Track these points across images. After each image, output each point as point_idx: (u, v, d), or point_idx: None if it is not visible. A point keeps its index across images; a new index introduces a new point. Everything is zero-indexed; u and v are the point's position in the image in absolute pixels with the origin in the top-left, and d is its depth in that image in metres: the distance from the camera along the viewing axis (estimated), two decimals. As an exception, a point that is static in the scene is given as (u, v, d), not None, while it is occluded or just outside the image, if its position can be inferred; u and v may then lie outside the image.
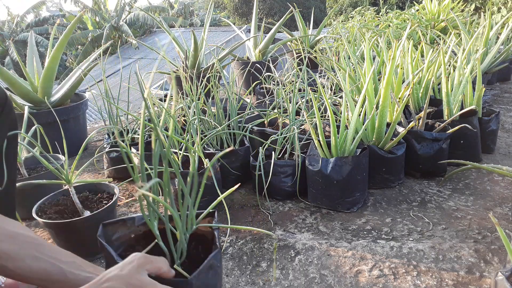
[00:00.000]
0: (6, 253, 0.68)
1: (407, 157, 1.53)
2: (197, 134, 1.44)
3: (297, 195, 1.45)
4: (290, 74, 2.19)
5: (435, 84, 1.98)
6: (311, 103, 1.87)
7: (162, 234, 0.71)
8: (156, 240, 0.71)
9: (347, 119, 1.45)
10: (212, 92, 1.72)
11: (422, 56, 2.22)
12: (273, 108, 1.87)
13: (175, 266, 0.71)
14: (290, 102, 1.68)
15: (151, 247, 0.72)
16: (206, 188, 1.28)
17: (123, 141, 1.72)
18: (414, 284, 1.00)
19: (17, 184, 1.14)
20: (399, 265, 1.07)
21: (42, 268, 0.70)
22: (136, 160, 1.57)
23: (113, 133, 1.75)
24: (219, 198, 0.87)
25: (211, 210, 0.80)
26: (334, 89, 2.15)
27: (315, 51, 3.33)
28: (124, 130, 1.75)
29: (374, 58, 2.49)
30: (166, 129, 1.75)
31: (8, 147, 0.90)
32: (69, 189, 1.20)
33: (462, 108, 1.69)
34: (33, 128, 1.40)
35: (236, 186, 0.90)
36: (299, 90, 2.10)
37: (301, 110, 1.71)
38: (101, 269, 0.75)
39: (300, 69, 2.42)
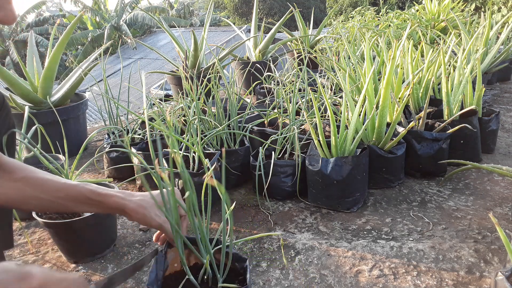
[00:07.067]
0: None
1: (407, 157, 1.53)
2: (197, 134, 1.44)
3: (297, 195, 1.45)
4: (290, 74, 2.19)
5: (435, 84, 1.98)
6: (311, 103, 1.87)
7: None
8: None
9: (347, 119, 1.44)
10: (212, 91, 1.72)
11: (422, 56, 2.22)
12: (273, 108, 1.87)
13: (219, 285, 0.78)
14: (290, 102, 1.68)
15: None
16: (206, 188, 1.28)
17: (122, 141, 1.72)
18: (414, 284, 1.00)
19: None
20: (399, 265, 1.07)
21: (48, 207, 0.84)
22: (135, 160, 1.57)
23: (113, 133, 1.75)
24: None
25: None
26: (334, 89, 2.15)
27: (315, 51, 3.33)
28: (124, 130, 1.75)
29: (374, 58, 2.49)
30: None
31: (7, 150, 0.90)
32: (69, 189, 1.20)
33: (462, 108, 1.69)
34: (33, 128, 1.40)
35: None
36: (299, 90, 2.10)
37: (301, 110, 1.71)
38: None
39: (300, 69, 2.42)
